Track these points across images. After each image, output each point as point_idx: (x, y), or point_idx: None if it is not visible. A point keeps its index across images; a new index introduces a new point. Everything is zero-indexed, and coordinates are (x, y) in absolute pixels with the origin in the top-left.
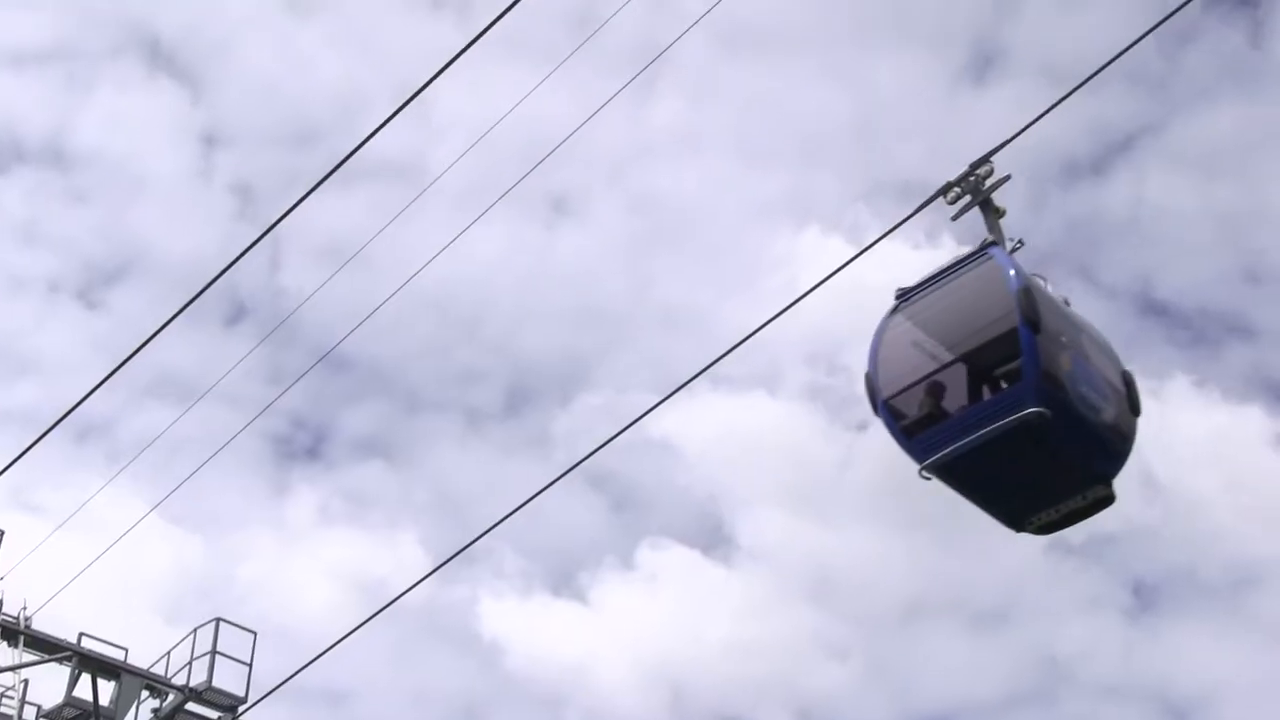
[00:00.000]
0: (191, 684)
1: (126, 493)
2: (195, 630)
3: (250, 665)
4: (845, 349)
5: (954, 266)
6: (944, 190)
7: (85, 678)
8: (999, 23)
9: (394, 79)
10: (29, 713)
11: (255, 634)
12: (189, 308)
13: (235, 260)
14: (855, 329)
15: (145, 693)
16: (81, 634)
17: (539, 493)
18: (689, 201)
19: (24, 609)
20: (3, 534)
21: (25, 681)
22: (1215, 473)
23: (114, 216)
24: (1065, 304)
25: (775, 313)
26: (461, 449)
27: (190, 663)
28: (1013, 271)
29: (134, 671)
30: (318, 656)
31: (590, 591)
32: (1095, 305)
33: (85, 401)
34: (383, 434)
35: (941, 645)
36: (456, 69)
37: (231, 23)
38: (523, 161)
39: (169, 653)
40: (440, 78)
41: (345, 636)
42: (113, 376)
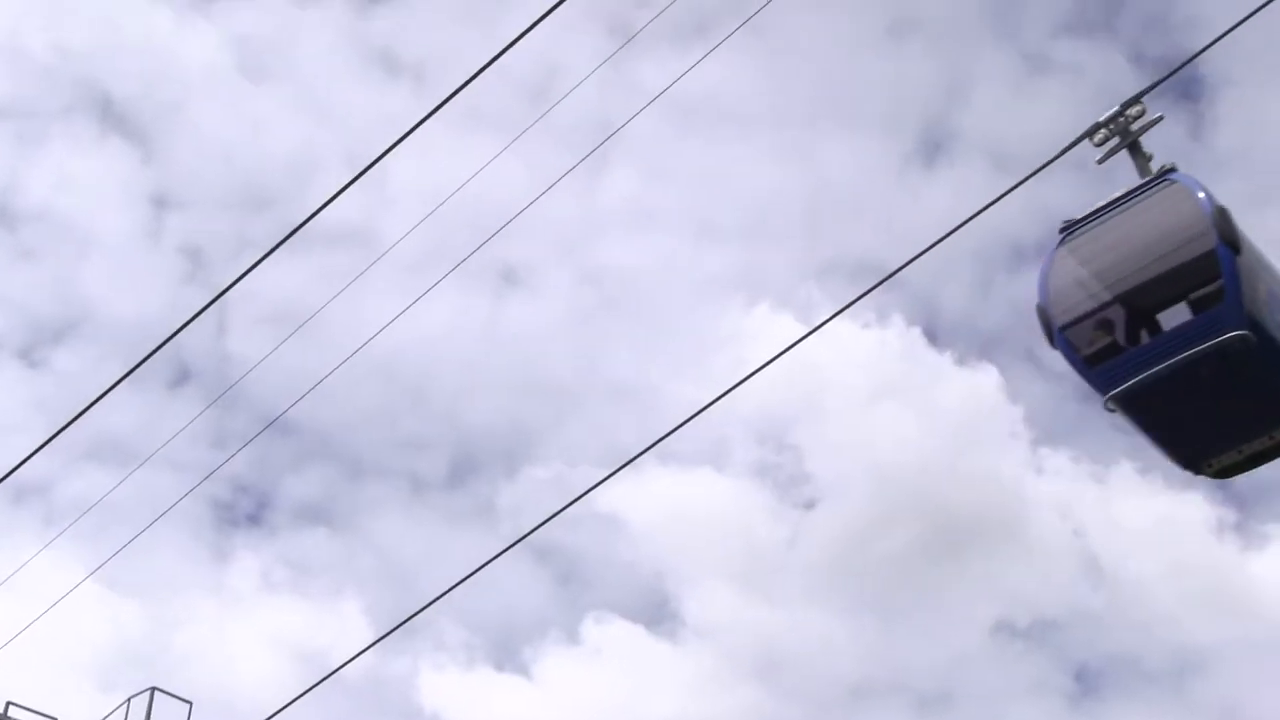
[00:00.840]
0: None
1: (64, 557)
2: (129, 699)
3: None
4: (794, 427)
5: (1126, 197)
6: (1091, 131)
7: None
8: (948, 109)
9: (348, 145)
10: None
11: (191, 704)
12: (133, 373)
13: (182, 327)
14: (804, 407)
15: None
16: (10, 703)
17: (484, 565)
18: (639, 276)
19: None
20: None
21: None
22: (1158, 559)
23: (61, 276)
24: None
25: (725, 390)
26: (406, 518)
27: None
28: (1203, 194)
29: None
30: None
31: (533, 665)
32: (1041, 388)
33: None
34: (326, 501)
35: None
36: (410, 137)
37: (185, 85)
38: (474, 231)
39: None
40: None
41: (284, 707)
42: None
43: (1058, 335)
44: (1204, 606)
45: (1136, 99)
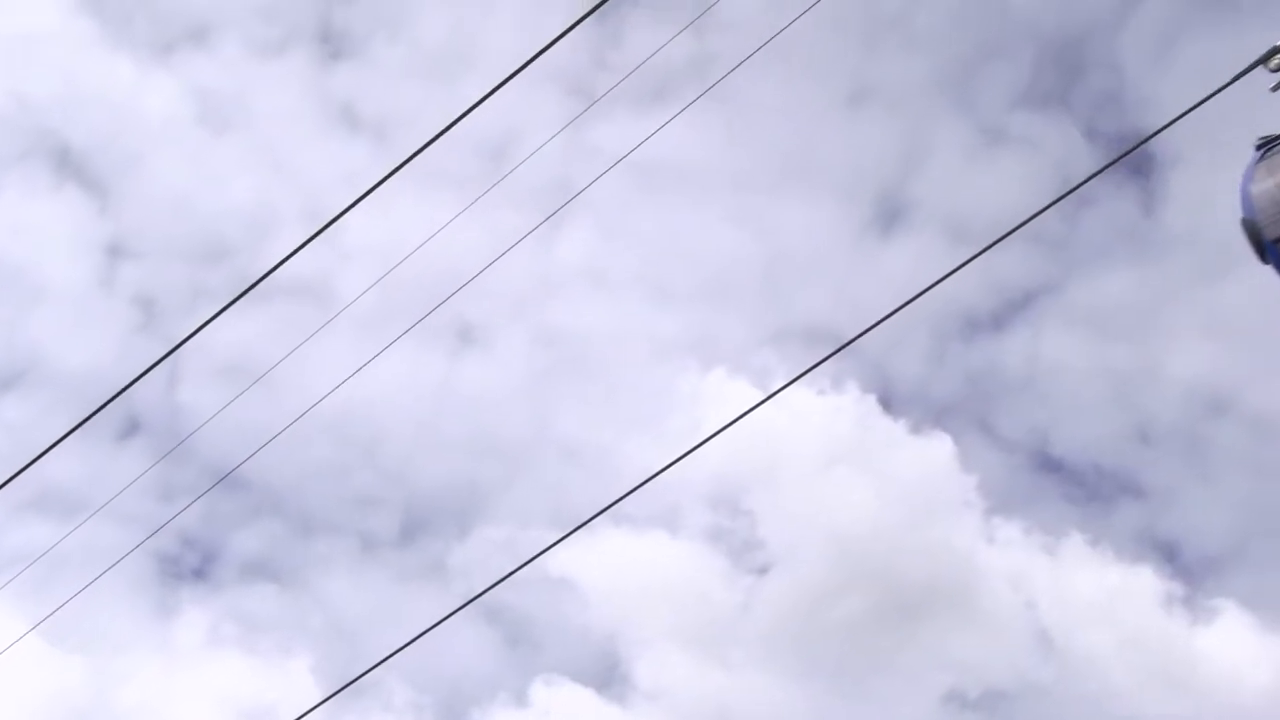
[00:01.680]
0: None
1: (4, 611)
2: None
3: None
4: (748, 492)
5: None
6: (1269, 55)
7: None
8: (905, 178)
9: (305, 200)
10: None
11: None
12: (83, 425)
13: (134, 381)
14: (758, 472)
15: None
16: None
17: (434, 625)
18: (595, 337)
19: None
20: None
21: None
22: (1108, 631)
23: (10, 323)
24: None
25: (680, 454)
26: (356, 575)
27: None
28: None
29: None
30: None
31: None
32: (994, 458)
33: None
34: (276, 557)
35: None
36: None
37: (144, 135)
38: (430, 290)
39: None
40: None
41: None
42: None
43: (1270, 247)
44: (1152, 680)
45: None
